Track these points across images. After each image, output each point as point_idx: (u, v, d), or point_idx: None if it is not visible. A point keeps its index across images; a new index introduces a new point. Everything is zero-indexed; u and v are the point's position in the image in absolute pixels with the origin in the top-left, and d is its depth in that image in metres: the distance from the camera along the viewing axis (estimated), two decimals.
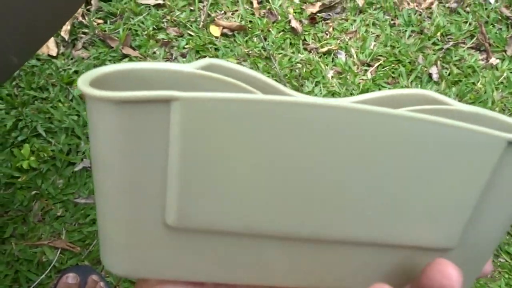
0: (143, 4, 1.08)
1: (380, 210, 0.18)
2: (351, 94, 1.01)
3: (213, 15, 1.09)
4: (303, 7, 1.14)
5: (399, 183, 0.18)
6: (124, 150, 0.17)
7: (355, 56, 1.07)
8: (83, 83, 0.16)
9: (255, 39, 1.07)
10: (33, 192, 0.80)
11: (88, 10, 1.06)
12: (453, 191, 0.18)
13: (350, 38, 1.11)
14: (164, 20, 1.07)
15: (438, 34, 1.12)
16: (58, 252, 0.76)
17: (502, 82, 1.07)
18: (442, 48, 1.11)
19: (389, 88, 1.02)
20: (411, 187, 0.18)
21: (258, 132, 0.16)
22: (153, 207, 0.18)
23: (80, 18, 1.04)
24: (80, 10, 1.04)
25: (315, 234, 0.18)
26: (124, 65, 0.19)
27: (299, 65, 1.04)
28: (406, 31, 1.12)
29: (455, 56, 1.10)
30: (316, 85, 1.02)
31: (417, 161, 0.17)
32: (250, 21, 1.09)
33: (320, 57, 1.06)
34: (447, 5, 1.19)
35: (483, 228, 0.19)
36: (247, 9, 1.12)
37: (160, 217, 0.18)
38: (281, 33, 1.09)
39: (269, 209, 0.18)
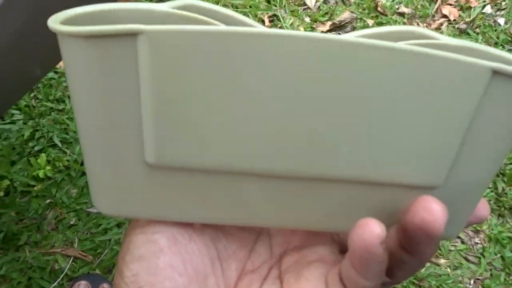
0: None
1: (363, 145, 0.17)
2: None
3: None
4: (314, 26, 1.17)
5: (380, 117, 0.17)
6: (96, 87, 0.17)
7: None
8: (53, 21, 0.16)
9: None
10: (48, 201, 0.82)
11: None
12: (438, 126, 0.17)
13: None
14: None
15: None
16: (70, 260, 0.77)
17: None
18: None
19: None
20: (394, 122, 0.17)
21: (229, 66, 0.16)
22: (131, 144, 0.17)
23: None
24: None
25: (293, 171, 0.18)
26: (96, 6, 0.19)
27: None
28: None
29: None
30: None
31: (399, 94, 0.16)
32: None
33: None
34: (456, 26, 1.21)
35: (471, 165, 0.19)
36: None
37: (140, 155, 0.18)
38: None
39: (245, 144, 0.17)
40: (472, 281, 0.84)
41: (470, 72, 0.16)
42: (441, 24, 1.21)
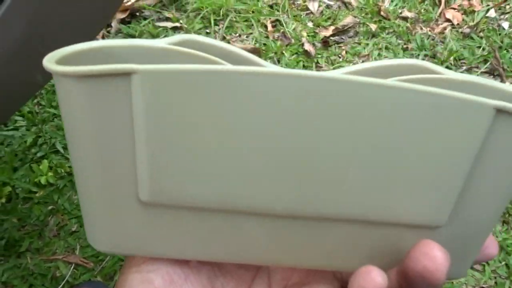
0: (160, 27, 1.12)
1: (363, 184, 0.17)
2: None
3: (228, 37, 1.12)
4: (316, 31, 1.17)
5: (382, 156, 0.16)
6: (90, 125, 0.17)
7: None
8: (48, 60, 0.17)
9: (269, 61, 1.09)
10: (50, 207, 0.82)
11: (108, 32, 1.10)
12: (441, 164, 0.17)
13: (363, 61, 1.12)
14: None
15: (451, 58, 1.13)
16: (72, 267, 0.77)
17: None
18: None
19: None
20: (395, 160, 0.17)
21: (225, 103, 0.16)
22: (126, 182, 0.17)
23: (100, 40, 1.07)
24: (100, 32, 1.07)
25: (292, 210, 0.17)
26: (94, 43, 0.19)
27: None
28: (419, 55, 1.14)
29: None
30: None
31: (401, 132, 0.16)
32: (264, 44, 1.12)
33: None
34: (460, 30, 1.20)
35: (477, 204, 0.18)
36: (261, 32, 1.14)
37: (134, 193, 0.18)
38: (294, 55, 1.11)
39: (242, 183, 0.17)
40: None
41: (473, 111, 0.16)
42: (445, 28, 1.21)
